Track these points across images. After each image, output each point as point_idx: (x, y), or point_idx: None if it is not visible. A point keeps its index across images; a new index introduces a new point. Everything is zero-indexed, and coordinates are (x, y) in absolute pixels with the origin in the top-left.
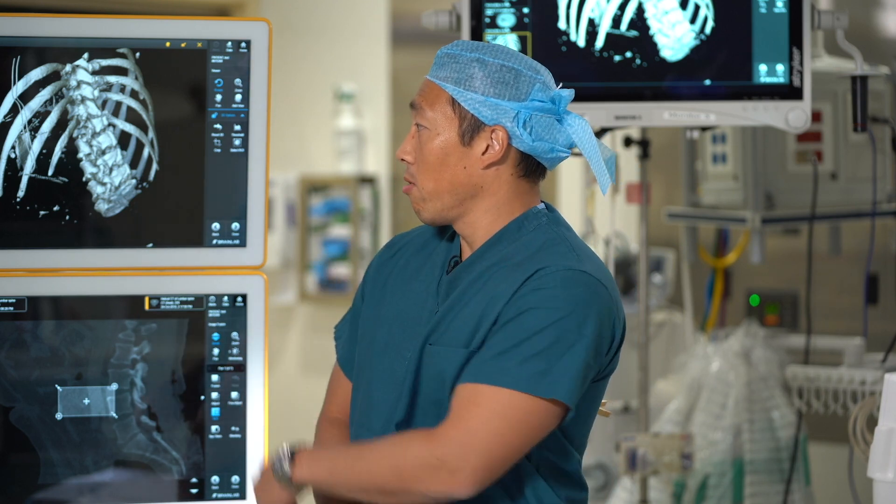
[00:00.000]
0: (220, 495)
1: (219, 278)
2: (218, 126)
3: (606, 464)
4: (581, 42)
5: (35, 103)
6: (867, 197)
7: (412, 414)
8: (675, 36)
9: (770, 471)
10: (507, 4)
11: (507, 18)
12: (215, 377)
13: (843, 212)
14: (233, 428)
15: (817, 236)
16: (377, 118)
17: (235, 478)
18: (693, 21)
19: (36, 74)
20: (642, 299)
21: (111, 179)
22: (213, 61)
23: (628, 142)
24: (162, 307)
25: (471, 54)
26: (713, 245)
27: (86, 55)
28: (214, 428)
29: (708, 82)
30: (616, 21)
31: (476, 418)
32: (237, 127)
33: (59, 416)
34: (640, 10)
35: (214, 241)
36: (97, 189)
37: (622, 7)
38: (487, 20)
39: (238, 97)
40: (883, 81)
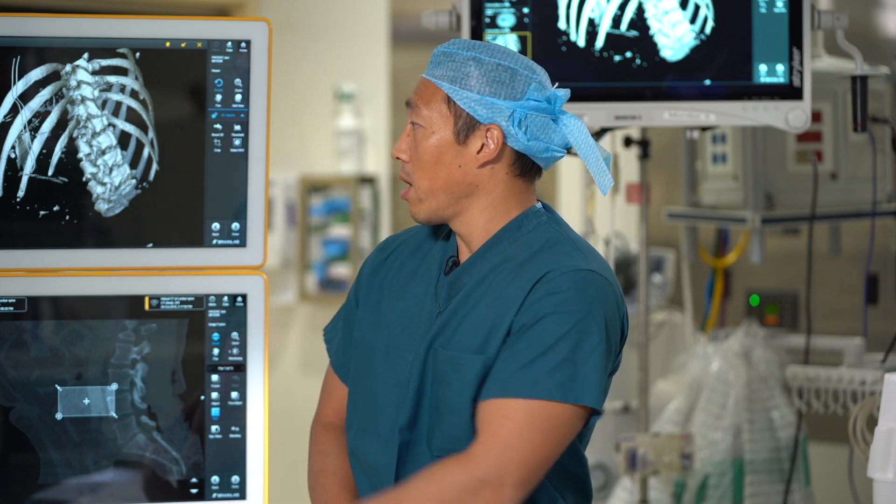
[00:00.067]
0: (220, 495)
1: (219, 278)
2: (218, 126)
3: (606, 464)
4: (581, 42)
5: (35, 103)
6: (867, 197)
7: (417, 417)
8: (675, 36)
9: (770, 471)
10: (507, 4)
11: (507, 18)
12: (215, 377)
13: (843, 212)
14: (233, 428)
15: (817, 236)
16: (377, 118)
17: (235, 478)
18: (693, 21)
19: (36, 74)
20: (642, 299)
21: (111, 179)
22: (213, 61)
23: (628, 142)
24: (162, 307)
25: (467, 53)
26: (713, 245)
27: (86, 55)
28: (214, 428)
29: (708, 82)
30: (616, 21)
31: (510, 433)
32: (237, 127)
33: (59, 416)
34: (640, 10)
35: (214, 241)
36: (97, 189)
37: (622, 7)
38: (487, 20)
39: (238, 97)
40: (883, 81)
